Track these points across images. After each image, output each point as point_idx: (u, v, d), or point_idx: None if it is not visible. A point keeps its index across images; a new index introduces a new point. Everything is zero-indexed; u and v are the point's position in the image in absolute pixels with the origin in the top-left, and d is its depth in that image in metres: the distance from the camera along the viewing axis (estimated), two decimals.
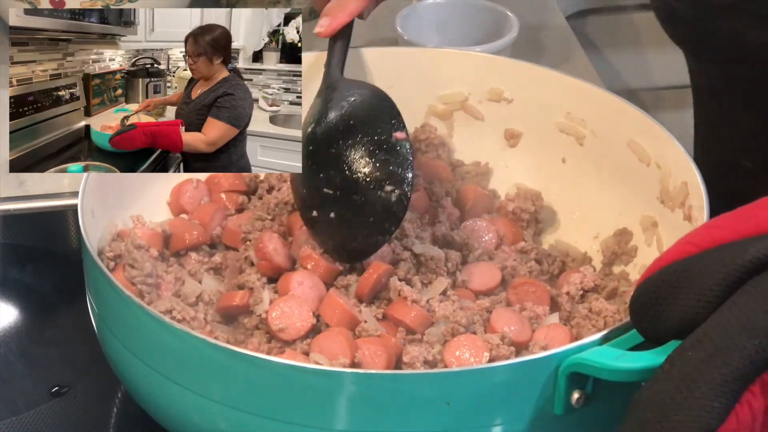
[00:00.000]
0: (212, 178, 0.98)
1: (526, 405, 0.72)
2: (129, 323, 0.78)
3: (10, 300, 0.99)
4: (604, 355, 0.70)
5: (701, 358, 0.60)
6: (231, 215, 0.95)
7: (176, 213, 0.96)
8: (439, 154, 1.02)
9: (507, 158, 1.03)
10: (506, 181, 1.02)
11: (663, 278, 0.64)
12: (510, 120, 1.02)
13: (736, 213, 0.66)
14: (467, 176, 1.01)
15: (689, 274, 0.63)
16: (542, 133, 1.01)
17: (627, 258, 0.94)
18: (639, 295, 0.66)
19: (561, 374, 0.71)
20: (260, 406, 0.73)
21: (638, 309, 0.66)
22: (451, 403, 0.71)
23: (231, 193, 0.97)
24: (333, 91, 0.90)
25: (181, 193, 0.96)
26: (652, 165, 0.92)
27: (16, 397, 0.90)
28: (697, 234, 0.65)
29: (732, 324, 0.60)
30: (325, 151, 0.87)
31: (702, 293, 0.62)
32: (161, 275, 0.88)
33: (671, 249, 0.66)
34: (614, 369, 0.68)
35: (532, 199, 0.99)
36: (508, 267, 0.92)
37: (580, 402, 0.72)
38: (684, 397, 0.60)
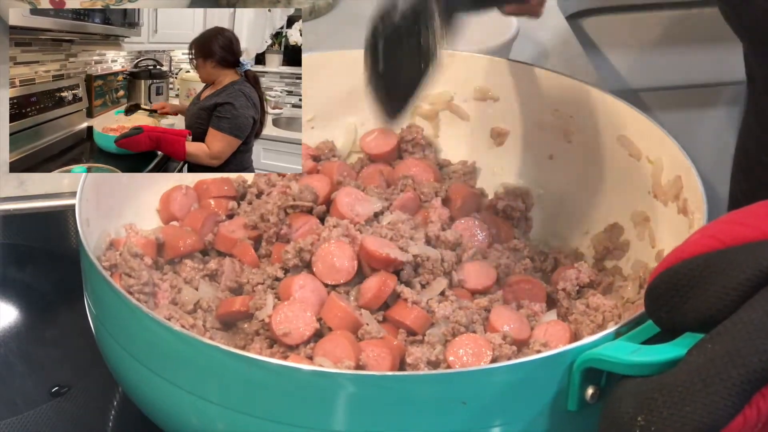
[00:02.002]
0: (201, 184, 0.97)
1: (540, 402, 0.72)
2: (127, 326, 0.78)
3: (10, 300, 0.99)
4: (619, 349, 0.70)
5: (720, 354, 0.60)
6: (222, 221, 0.94)
7: (166, 220, 0.96)
8: (426, 155, 1.02)
9: (494, 157, 1.03)
10: (494, 179, 1.02)
11: (685, 270, 0.64)
12: (496, 118, 1.02)
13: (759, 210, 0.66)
14: (454, 176, 1.01)
15: (713, 270, 0.63)
16: (529, 130, 1.01)
17: (619, 253, 0.95)
18: (658, 284, 0.66)
19: (576, 370, 0.71)
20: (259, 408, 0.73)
21: (656, 298, 0.66)
22: (468, 402, 0.71)
23: (220, 198, 0.96)
24: None
25: (170, 200, 0.95)
26: (643, 159, 0.92)
27: (16, 397, 0.90)
28: (720, 229, 0.65)
29: (754, 325, 0.61)
30: None
31: (725, 291, 0.62)
32: (157, 283, 0.87)
33: (693, 241, 0.66)
34: (631, 363, 0.67)
35: (521, 197, 0.99)
36: (501, 265, 0.92)
37: (594, 397, 0.72)
38: (698, 389, 0.60)
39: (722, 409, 0.60)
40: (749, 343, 0.60)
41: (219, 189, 0.97)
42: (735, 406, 0.60)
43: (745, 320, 0.61)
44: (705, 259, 0.64)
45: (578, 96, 0.97)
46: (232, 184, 0.97)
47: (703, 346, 0.62)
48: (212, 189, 0.97)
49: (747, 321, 0.61)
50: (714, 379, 0.60)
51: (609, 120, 0.95)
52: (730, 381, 0.60)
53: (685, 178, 0.87)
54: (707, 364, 0.61)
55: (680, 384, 0.61)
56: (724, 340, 0.61)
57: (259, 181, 0.98)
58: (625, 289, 0.89)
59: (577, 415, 0.73)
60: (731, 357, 0.60)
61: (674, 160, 0.89)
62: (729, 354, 0.60)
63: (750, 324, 0.61)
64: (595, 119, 0.96)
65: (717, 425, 0.60)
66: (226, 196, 0.96)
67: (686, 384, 0.61)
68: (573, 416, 0.73)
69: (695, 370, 0.61)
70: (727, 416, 0.60)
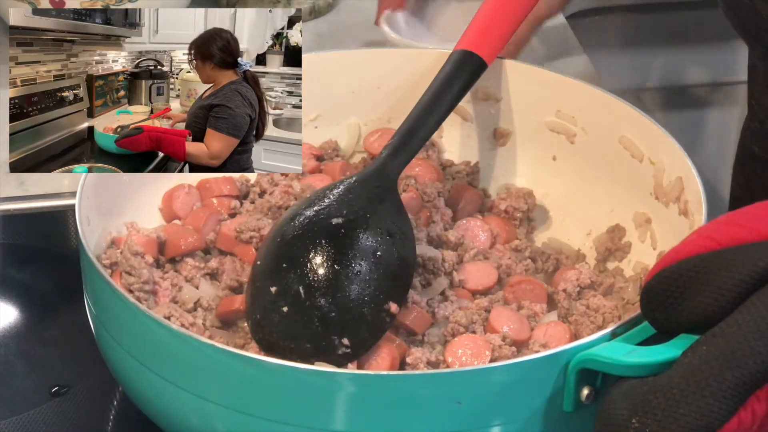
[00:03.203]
0: (203, 183, 0.97)
1: (535, 402, 0.72)
2: (127, 325, 0.78)
3: (10, 300, 0.99)
4: (615, 350, 0.70)
5: (715, 356, 0.60)
6: (224, 220, 0.94)
7: (168, 219, 0.96)
8: (429, 155, 1.02)
9: (497, 157, 1.03)
10: (496, 180, 1.03)
11: (681, 271, 0.64)
12: (499, 119, 1.02)
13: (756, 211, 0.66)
14: (457, 176, 1.01)
15: (708, 271, 0.63)
16: (532, 131, 1.01)
17: (621, 254, 0.94)
18: (654, 286, 0.66)
19: (571, 371, 0.71)
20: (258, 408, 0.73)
21: (652, 299, 0.66)
22: (463, 402, 0.71)
23: (222, 197, 0.96)
24: (377, 203, 0.85)
25: (173, 198, 0.95)
26: (645, 161, 0.92)
27: (16, 397, 0.90)
28: (716, 229, 0.65)
29: (750, 327, 0.61)
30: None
31: (721, 292, 0.62)
32: (158, 282, 0.87)
33: (689, 242, 0.66)
34: (627, 364, 0.67)
35: (524, 198, 0.99)
36: (503, 266, 0.92)
37: (590, 398, 0.72)
38: (692, 392, 0.60)
39: (716, 412, 0.60)
40: (744, 345, 0.60)
41: (221, 188, 0.96)
42: (729, 408, 0.60)
43: (740, 322, 0.61)
44: (701, 260, 0.64)
45: (580, 97, 0.97)
46: (234, 183, 0.97)
47: (698, 348, 0.62)
48: (215, 188, 0.96)
49: (742, 323, 0.61)
50: (709, 381, 0.60)
51: (611, 121, 0.95)
52: (725, 383, 0.60)
53: (686, 180, 0.87)
54: (702, 366, 0.61)
55: (675, 386, 0.61)
56: (719, 342, 0.61)
57: (262, 180, 0.98)
58: (625, 291, 0.89)
59: (572, 416, 0.73)
60: (726, 359, 0.60)
61: (675, 161, 0.89)
62: (724, 356, 0.60)
63: (745, 326, 0.61)
64: (597, 120, 0.96)
65: (711, 427, 0.60)
66: (229, 195, 0.96)
67: (681, 386, 0.61)
68: (569, 417, 0.73)
69: (690, 372, 0.61)
70: (721, 419, 0.60)
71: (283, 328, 0.79)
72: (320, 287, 0.79)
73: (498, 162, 1.03)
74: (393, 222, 0.84)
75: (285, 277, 0.80)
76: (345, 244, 0.81)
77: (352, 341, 0.79)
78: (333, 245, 0.81)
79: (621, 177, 0.95)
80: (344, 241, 0.81)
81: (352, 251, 0.81)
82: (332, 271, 0.80)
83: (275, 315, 0.80)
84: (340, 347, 0.79)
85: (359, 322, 0.79)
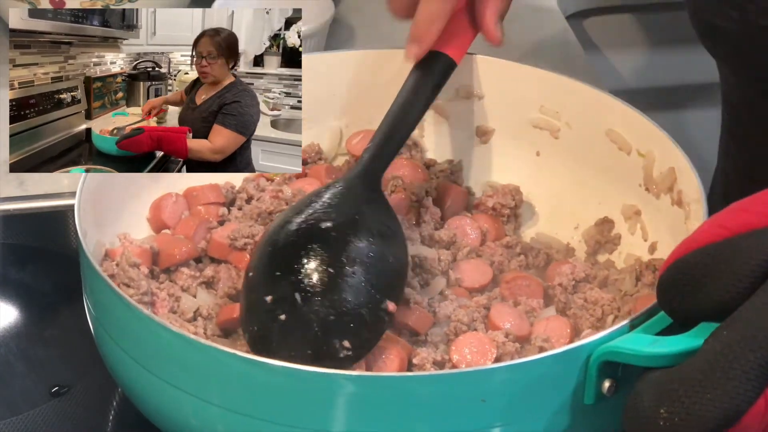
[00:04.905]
0: (190, 191, 0.96)
1: (556, 397, 0.73)
2: (127, 328, 0.78)
3: (10, 300, 0.99)
4: (637, 341, 0.70)
5: (737, 340, 0.61)
6: (214, 228, 0.94)
7: (157, 229, 0.95)
8: (412, 155, 1.02)
9: (479, 155, 1.03)
10: (480, 177, 1.02)
11: (695, 261, 0.65)
12: (481, 117, 1.02)
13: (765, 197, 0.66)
14: (441, 175, 1.01)
15: (722, 258, 0.64)
16: (515, 127, 1.01)
17: (611, 246, 0.95)
18: (670, 276, 0.66)
19: (593, 363, 0.72)
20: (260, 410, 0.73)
21: (668, 290, 0.66)
22: (487, 400, 0.71)
23: (209, 205, 0.96)
24: (365, 204, 0.86)
25: (161, 208, 0.95)
26: (633, 153, 0.92)
27: (16, 397, 0.90)
28: (727, 217, 0.66)
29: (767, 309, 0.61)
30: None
31: (737, 278, 0.63)
32: (155, 293, 0.87)
33: (701, 231, 0.66)
34: (651, 355, 0.68)
35: (511, 194, 0.99)
36: (495, 262, 0.93)
37: (611, 390, 0.72)
38: (717, 377, 0.61)
39: (743, 394, 0.60)
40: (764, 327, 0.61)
41: (207, 196, 0.96)
42: (756, 389, 0.60)
43: (758, 305, 0.62)
44: (714, 248, 0.65)
45: (564, 92, 0.97)
46: (220, 190, 0.97)
47: (719, 334, 0.62)
48: (201, 196, 0.96)
49: (760, 306, 0.62)
50: (732, 365, 0.60)
51: (597, 114, 0.95)
52: (748, 365, 0.60)
53: (679, 170, 0.87)
54: (725, 351, 0.61)
55: (699, 372, 0.61)
56: (739, 326, 0.61)
57: (248, 186, 0.97)
58: (622, 282, 0.90)
59: (593, 409, 0.73)
60: (747, 342, 0.61)
61: (666, 152, 0.89)
62: (745, 339, 0.61)
63: (763, 309, 0.61)
64: (581, 114, 0.96)
65: (739, 409, 0.60)
66: (216, 202, 0.96)
67: (705, 372, 0.61)
68: (590, 410, 0.73)
69: (713, 358, 0.61)
70: (748, 400, 0.60)
71: (283, 336, 0.79)
72: (316, 292, 0.79)
73: (481, 159, 1.02)
74: (382, 222, 0.84)
75: (280, 285, 0.80)
76: (337, 247, 0.81)
77: (353, 343, 0.78)
78: (325, 249, 0.81)
79: (608, 170, 0.95)
80: (336, 244, 0.81)
81: (345, 253, 0.81)
82: (327, 275, 0.80)
83: (273, 324, 0.79)
84: (342, 350, 0.78)
85: (359, 324, 0.79)
